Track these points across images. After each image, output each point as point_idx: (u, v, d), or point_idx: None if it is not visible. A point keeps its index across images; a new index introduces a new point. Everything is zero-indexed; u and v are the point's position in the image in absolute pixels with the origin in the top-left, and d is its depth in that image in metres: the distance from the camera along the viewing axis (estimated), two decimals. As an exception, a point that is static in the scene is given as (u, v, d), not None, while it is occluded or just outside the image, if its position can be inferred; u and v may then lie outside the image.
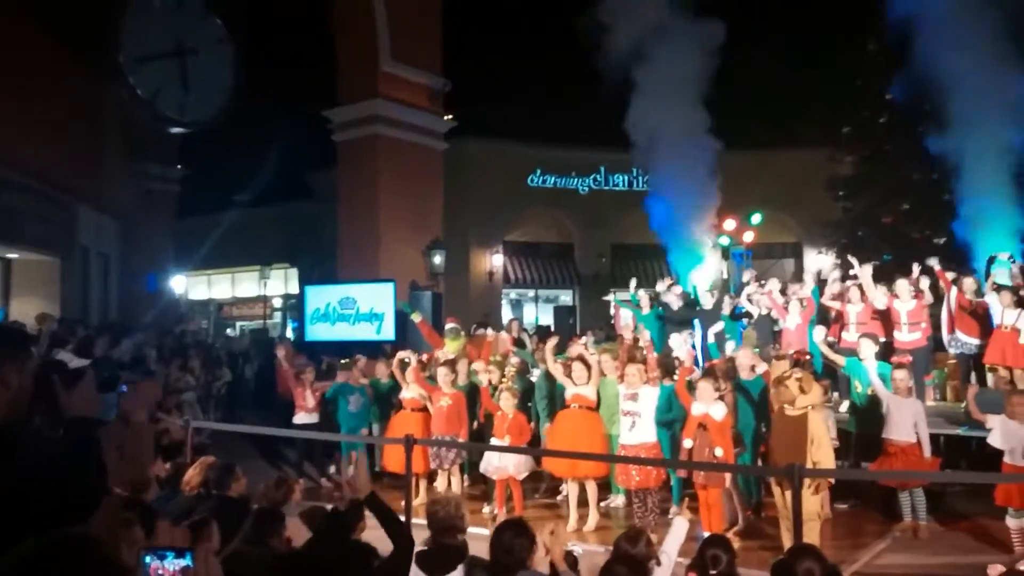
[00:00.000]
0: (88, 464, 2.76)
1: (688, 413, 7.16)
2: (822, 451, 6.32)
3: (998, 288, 9.87)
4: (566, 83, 21.09)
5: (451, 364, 8.85)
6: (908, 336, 10.02)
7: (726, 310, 11.23)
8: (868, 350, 8.55)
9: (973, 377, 10.07)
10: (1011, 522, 6.51)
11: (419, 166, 16.05)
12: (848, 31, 17.66)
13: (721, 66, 14.84)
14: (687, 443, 7.04)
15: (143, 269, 18.80)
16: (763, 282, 11.64)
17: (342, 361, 10.28)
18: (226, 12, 13.75)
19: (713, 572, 3.84)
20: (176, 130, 14.49)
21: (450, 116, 17.02)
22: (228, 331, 25.96)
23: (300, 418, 9.99)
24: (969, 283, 10.41)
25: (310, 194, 25.00)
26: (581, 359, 8.04)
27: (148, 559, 1.99)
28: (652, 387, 7.48)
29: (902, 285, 10.13)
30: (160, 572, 1.97)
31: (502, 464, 8.03)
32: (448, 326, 11.58)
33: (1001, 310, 9.50)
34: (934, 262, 10.51)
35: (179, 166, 20.36)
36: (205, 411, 12.50)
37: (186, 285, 25.11)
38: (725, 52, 14.85)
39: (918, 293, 10.16)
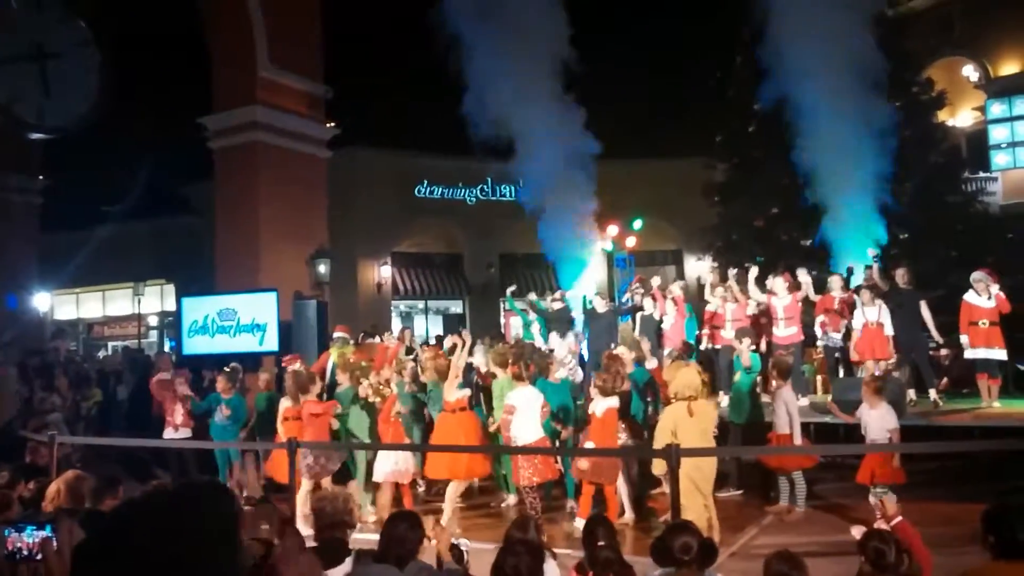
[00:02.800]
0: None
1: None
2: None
3: (857, 290, 10.66)
4: (452, 93, 21.16)
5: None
6: (785, 331, 10.59)
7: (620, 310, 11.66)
8: (744, 343, 9.01)
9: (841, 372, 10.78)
10: (872, 499, 6.95)
11: (301, 174, 15.69)
12: (719, 46, 18.55)
13: (597, 79, 15.27)
14: (589, 444, 7.20)
15: (1, 287, 17.55)
16: (645, 285, 12.11)
17: (227, 368, 9.96)
18: (91, 14, 13.06)
19: (601, 544, 3.92)
20: (37, 136, 13.60)
21: (333, 124, 16.74)
22: (100, 353, 24.53)
23: (169, 434, 9.55)
24: (836, 281, 11.14)
25: (187, 206, 23.97)
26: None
27: (8, 532, 1.90)
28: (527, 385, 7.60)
29: (779, 283, 10.70)
30: (19, 544, 1.88)
31: (400, 468, 7.97)
32: (336, 335, 11.40)
33: (864, 309, 10.25)
34: (803, 273, 11.16)
35: (41, 177, 19.15)
36: (74, 433, 11.79)
37: (52, 304, 23.61)
38: (601, 67, 15.31)
39: (793, 289, 10.75)
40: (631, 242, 18.91)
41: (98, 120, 13.30)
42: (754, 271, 11.16)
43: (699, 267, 22.25)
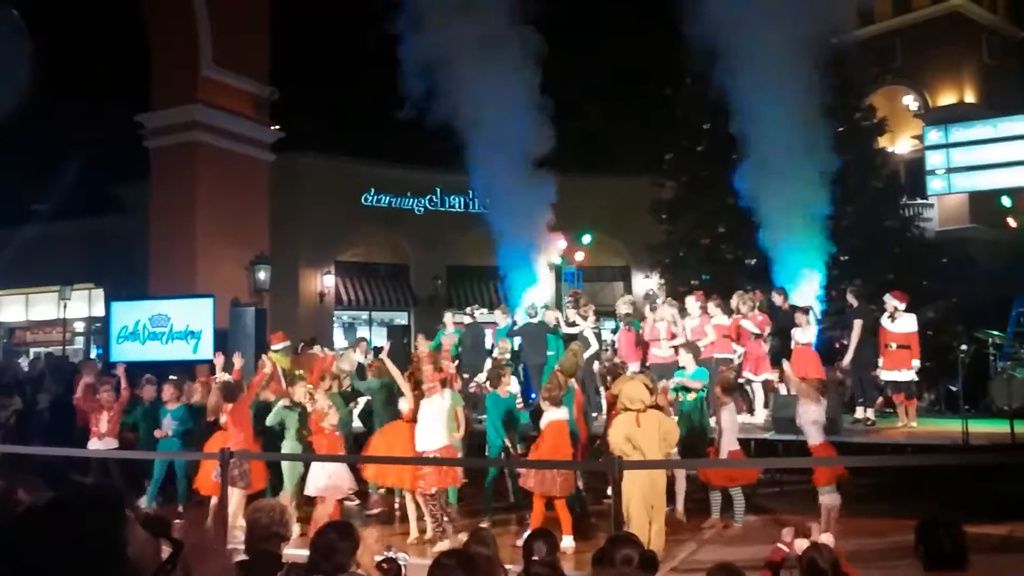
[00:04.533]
0: None
1: None
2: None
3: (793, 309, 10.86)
4: (401, 102, 20.97)
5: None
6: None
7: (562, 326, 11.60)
8: (688, 360, 8.97)
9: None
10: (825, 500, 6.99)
11: (243, 176, 15.29)
12: (670, 66, 18.72)
13: (549, 96, 15.24)
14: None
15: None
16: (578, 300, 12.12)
17: (170, 378, 9.58)
18: (24, 2, 12.56)
19: (535, 558, 3.76)
20: (-42, 128, 13.00)
21: (277, 127, 16.39)
22: (22, 360, 23.46)
23: (92, 444, 9.09)
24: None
25: (119, 207, 23.00)
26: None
27: None
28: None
29: (691, 302, 10.97)
30: None
31: (333, 483, 7.69)
32: (279, 345, 11.12)
33: (796, 330, 10.41)
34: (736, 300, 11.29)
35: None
36: (-11, 441, 11.17)
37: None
38: (552, 82, 15.29)
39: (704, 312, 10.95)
40: (580, 257, 18.90)
41: (27, 114, 12.80)
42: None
43: (647, 284, 22.36)
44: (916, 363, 10.19)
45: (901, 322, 10.26)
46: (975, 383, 11.39)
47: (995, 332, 12.64)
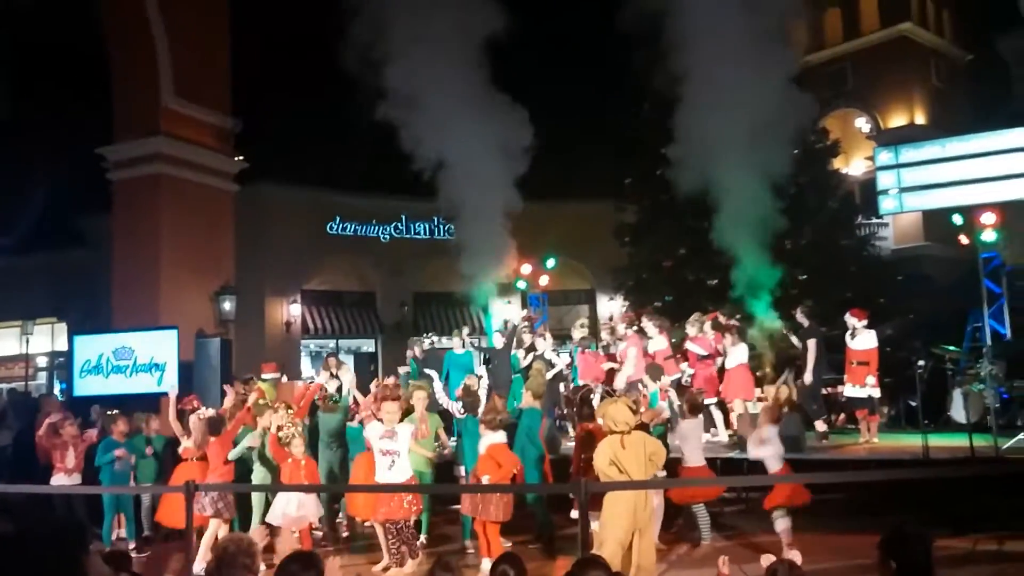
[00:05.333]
0: None
1: None
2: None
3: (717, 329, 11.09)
4: (366, 129, 21.06)
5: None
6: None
7: (514, 349, 11.69)
8: (651, 382, 9.08)
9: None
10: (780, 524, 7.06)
11: (207, 208, 15.24)
12: (630, 90, 19.05)
13: (512, 122, 15.40)
14: (485, 478, 7.05)
15: None
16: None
17: (108, 413, 9.44)
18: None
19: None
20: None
21: (241, 157, 16.37)
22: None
23: (59, 480, 8.95)
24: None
25: (82, 240, 22.76)
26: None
27: None
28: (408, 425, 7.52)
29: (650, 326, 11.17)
30: None
31: (301, 513, 7.66)
32: (268, 375, 11.17)
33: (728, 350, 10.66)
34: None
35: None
36: (-53, 481, 10.88)
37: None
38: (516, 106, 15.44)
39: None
40: (544, 281, 19.06)
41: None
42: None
43: (611, 307, 22.57)
44: (871, 379, 10.41)
45: (861, 339, 10.52)
46: (934, 398, 11.68)
47: (952, 347, 12.98)
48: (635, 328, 11.50)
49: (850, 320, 10.62)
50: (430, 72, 14.77)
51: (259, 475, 8.32)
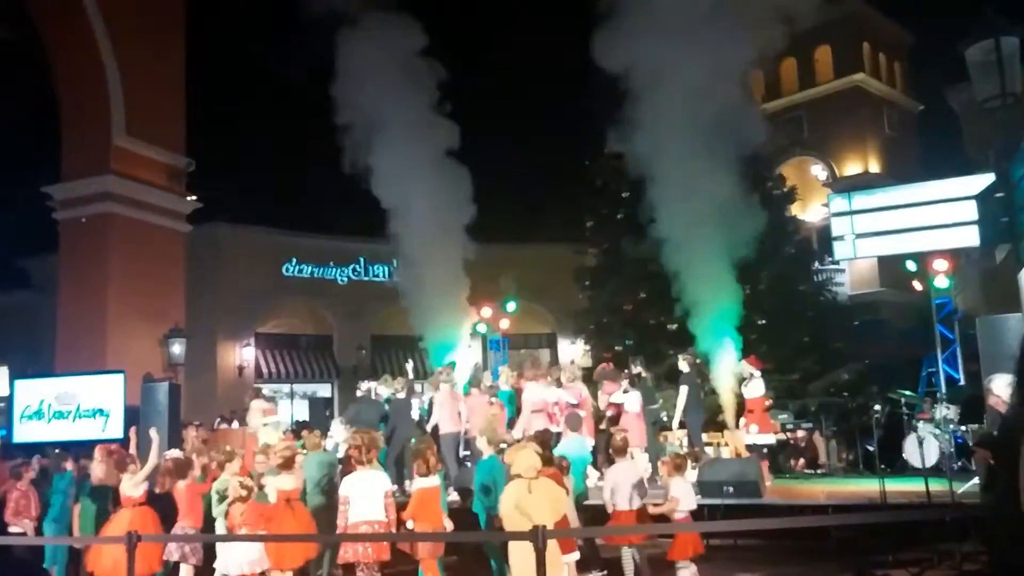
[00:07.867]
0: None
1: None
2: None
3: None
4: (325, 172, 20.97)
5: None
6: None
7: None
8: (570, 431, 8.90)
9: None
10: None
11: (158, 248, 14.90)
12: (590, 136, 19.22)
13: (471, 164, 15.42)
14: (409, 524, 6.91)
15: None
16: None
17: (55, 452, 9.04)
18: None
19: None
20: None
21: (194, 197, 16.07)
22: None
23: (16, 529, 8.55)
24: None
25: (25, 281, 22.16)
26: None
27: None
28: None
29: None
30: None
31: (253, 557, 7.30)
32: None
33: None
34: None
35: None
36: None
37: None
38: (475, 152, 15.49)
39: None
40: (505, 324, 18.90)
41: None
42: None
43: (572, 350, 22.45)
44: (754, 428, 10.34)
45: (750, 388, 10.55)
46: (890, 443, 11.71)
47: (907, 392, 13.07)
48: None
49: (746, 368, 10.62)
50: (387, 117, 14.75)
51: (219, 523, 7.94)
